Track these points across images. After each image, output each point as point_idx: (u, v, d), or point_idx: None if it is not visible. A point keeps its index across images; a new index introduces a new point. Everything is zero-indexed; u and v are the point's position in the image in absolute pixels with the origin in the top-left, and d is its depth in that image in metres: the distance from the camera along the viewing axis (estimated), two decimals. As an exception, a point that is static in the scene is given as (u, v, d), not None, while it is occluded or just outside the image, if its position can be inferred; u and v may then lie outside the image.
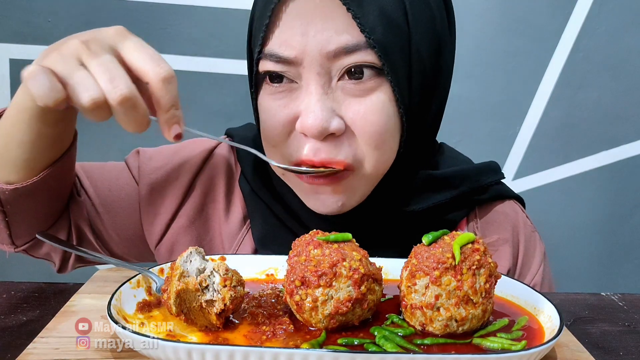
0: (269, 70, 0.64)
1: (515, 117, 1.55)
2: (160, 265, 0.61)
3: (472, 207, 0.78)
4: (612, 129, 1.56)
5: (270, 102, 0.65)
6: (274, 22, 0.62)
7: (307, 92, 0.62)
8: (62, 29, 1.38)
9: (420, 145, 0.70)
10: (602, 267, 1.65)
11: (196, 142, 0.81)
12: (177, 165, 0.78)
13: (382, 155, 0.65)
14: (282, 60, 0.62)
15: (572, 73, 1.51)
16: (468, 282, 0.51)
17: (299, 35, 0.60)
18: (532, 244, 0.80)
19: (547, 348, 0.47)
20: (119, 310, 0.52)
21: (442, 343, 0.51)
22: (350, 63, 0.61)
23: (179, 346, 0.45)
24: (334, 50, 0.60)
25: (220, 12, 1.39)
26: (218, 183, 0.78)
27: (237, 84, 1.45)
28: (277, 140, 0.65)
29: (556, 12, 1.48)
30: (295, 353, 0.45)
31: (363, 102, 0.62)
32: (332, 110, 0.62)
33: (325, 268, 0.51)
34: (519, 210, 0.81)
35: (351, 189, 0.66)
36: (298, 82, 0.63)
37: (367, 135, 0.63)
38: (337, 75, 0.62)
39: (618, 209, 1.61)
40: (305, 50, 0.60)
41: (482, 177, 0.77)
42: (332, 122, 0.61)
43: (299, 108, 0.63)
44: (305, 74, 0.62)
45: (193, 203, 0.77)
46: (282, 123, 0.64)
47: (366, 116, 0.62)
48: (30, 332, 0.53)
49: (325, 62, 0.61)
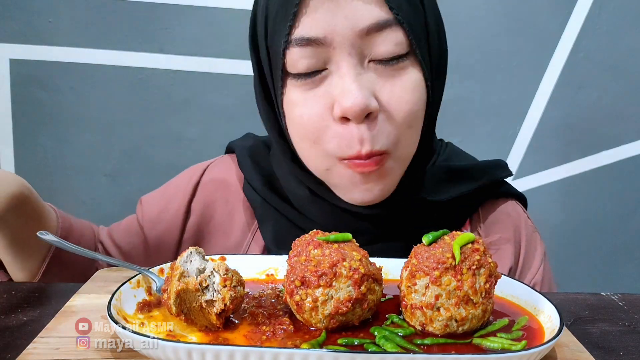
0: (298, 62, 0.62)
1: (515, 117, 1.55)
2: (160, 266, 0.61)
3: (476, 207, 0.79)
4: (612, 129, 1.56)
5: (298, 96, 0.64)
6: (301, 10, 0.60)
7: (339, 75, 0.61)
8: (63, 29, 1.39)
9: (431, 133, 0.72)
10: (602, 267, 1.65)
11: (186, 172, 0.85)
12: (171, 199, 0.82)
13: (414, 134, 0.66)
14: (311, 41, 0.60)
15: (572, 73, 1.51)
16: (468, 282, 0.51)
17: (329, 15, 0.59)
18: (533, 243, 0.80)
19: (547, 348, 0.47)
20: (119, 310, 0.52)
21: (442, 343, 0.51)
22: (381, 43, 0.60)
23: (179, 346, 0.45)
24: (366, 27, 0.60)
25: (220, 12, 1.39)
26: (215, 201, 0.81)
27: (237, 84, 1.45)
28: (317, 134, 0.63)
29: (556, 12, 1.48)
30: (295, 353, 0.45)
31: (396, 82, 0.62)
32: (368, 88, 0.61)
33: (325, 268, 0.51)
34: (520, 210, 0.82)
35: (391, 172, 0.66)
36: (328, 68, 0.62)
37: (402, 114, 0.63)
38: (369, 56, 0.61)
39: (618, 209, 1.61)
40: (336, 30, 0.60)
41: (498, 171, 0.79)
42: (371, 101, 0.61)
43: (334, 94, 0.62)
44: (336, 56, 0.61)
45: (192, 228, 0.80)
46: (318, 114, 0.63)
47: (401, 96, 0.62)
48: (30, 332, 0.53)
49: (357, 41, 0.60)
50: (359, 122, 0.61)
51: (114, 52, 1.42)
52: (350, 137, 0.62)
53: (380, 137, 0.62)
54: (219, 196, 0.81)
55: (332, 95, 0.62)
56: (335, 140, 0.63)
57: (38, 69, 1.41)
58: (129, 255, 0.81)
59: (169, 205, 0.81)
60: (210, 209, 0.80)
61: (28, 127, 1.44)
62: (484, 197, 0.79)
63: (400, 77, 0.62)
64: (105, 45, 1.41)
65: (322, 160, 0.66)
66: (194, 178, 0.82)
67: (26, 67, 1.40)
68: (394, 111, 0.62)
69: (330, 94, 0.62)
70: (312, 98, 0.63)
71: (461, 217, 0.77)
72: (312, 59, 0.61)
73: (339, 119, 0.62)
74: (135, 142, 1.48)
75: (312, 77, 0.62)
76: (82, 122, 1.46)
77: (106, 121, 1.46)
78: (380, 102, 0.62)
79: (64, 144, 1.45)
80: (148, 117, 1.46)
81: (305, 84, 0.63)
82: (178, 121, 1.46)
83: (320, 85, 0.63)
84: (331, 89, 0.62)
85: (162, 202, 0.82)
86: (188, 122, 1.46)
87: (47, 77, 1.42)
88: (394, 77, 0.62)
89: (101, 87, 1.44)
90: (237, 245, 0.78)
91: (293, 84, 0.64)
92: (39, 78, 1.42)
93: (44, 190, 1.46)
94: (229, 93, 1.47)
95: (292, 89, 0.64)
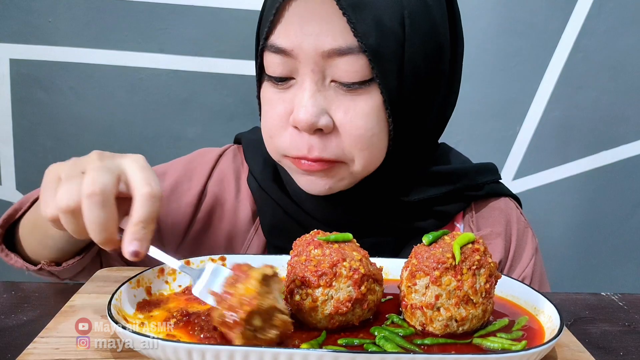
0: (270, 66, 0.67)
1: (515, 117, 1.54)
2: (160, 266, 0.60)
3: (469, 202, 0.81)
4: (612, 129, 1.55)
5: (270, 96, 0.69)
6: (278, 19, 0.65)
7: (301, 88, 0.66)
8: (63, 29, 1.38)
9: (419, 144, 0.73)
10: (602, 267, 1.64)
11: (203, 152, 0.86)
12: (189, 176, 0.82)
13: (369, 155, 0.68)
14: (280, 50, 0.65)
15: (572, 73, 1.51)
16: (468, 282, 0.51)
17: (298, 31, 0.64)
18: (524, 238, 0.82)
19: (547, 348, 0.47)
20: (119, 310, 0.52)
21: (442, 343, 0.51)
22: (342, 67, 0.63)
23: (179, 346, 0.45)
24: (327, 50, 0.63)
25: (220, 12, 1.39)
26: (227, 187, 0.82)
27: (237, 84, 1.45)
28: (274, 131, 0.70)
29: (556, 12, 1.48)
30: (295, 353, 0.45)
31: (352, 105, 0.65)
32: (322, 107, 0.65)
33: (326, 268, 0.51)
34: (513, 206, 0.84)
35: (339, 177, 0.70)
36: (295, 78, 0.67)
37: (353, 137, 0.66)
38: (330, 76, 0.65)
39: (618, 209, 1.61)
40: (302, 46, 0.64)
41: (480, 176, 0.81)
42: (321, 119, 0.65)
43: (294, 102, 0.66)
44: (301, 69, 0.65)
45: (206, 209, 0.81)
46: (279, 115, 0.68)
47: (353, 120, 0.66)
48: (31, 332, 0.53)
49: (320, 61, 0.64)
50: (310, 134, 0.66)
51: (114, 52, 1.42)
52: (300, 142, 0.67)
53: (330, 148, 0.67)
54: (231, 184, 0.83)
55: (293, 104, 0.67)
56: (287, 141, 0.68)
57: (38, 69, 1.41)
58: None
59: (191, 178, 0.82)
60: (223, 194, 0.82)
61: (28, 127, 1.44)
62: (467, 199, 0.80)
63: (357, 102, 0.66)
64: (105, 45, 1.41)
65: (274, 153, 0.72)
66: (212, 161, 0.84)
67: (26, 67, 1.40)
68: (345, 133, 0.67)
69: (292, 102, 0.67)
70: (278, 100, 0.68)
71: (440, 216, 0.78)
72: (282, 67, 0.66)
73: (293, 126, 0.67)
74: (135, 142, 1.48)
75: (281, 82, 0.68)
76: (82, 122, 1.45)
77: (106, 121, 1.46)
78: (334, 122, 0.66)
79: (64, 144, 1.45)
80: (148, 117, 1.46)
81: (276, 86, 0.68)
82: (178, 121, 1.46)
83: (287, 91, 0.68)
84: (294, 97, 0.67)
85: (181, 175, 0.82)
86: (188, 122, 1.46)
87: (47, 77, 1.42)
88: (352, 100, 0.66)
89: (101, 87, 1.44)
90: (241, 235, 0.80)
91: (267, 83, 0.70)
92: (39, 78, 1.41)
93: (44, 190, 1.46)
94: (229, 93, 1.46)
95: (267, 87, 0.70)
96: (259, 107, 0.74)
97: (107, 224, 0.50)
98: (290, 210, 0.77)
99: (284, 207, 0.78)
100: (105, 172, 0.51)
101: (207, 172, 0.83)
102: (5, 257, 0.71)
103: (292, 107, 0.67)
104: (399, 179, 0.74)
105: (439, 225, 0.78)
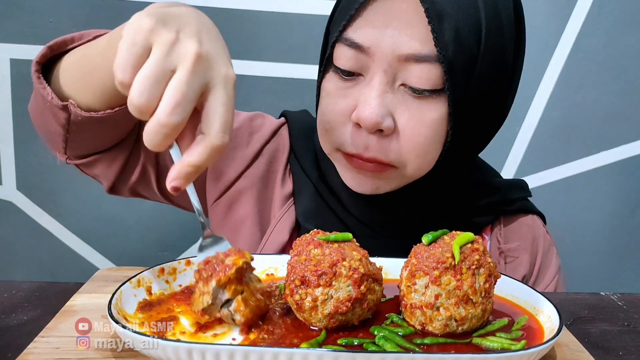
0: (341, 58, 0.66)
1: (515, 117, 1.54)
2: (160, 265, 0.61)
3: (498, 216, 0.83)
4: (612, 129, 1.55)
5: (333, 88, 0.69)
6: (358, 14, 0.65)
7: (369, 86, 0.65)
8: (64, 29, 1.38)
9: (467, 157, 0.75)
10: (602, 267, 1.65)
11: (267, 117, 0.86)
12: (250, 131, 0.82)
13: (422, 162, 0.69)
14: (356, 45, 0.64)
15: (572, 73, 1.51)
16: (467, 281, 0.51)
17: (378, 30, 0.63)
18: (549, 256, 0.85)
19: (547, 348, 0.47)
20: (120, 309, 0.52)
21: (442, 343, 0.51)
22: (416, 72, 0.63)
23: (179, 346, 0.45)
24: (405, 54, 0.63)
25: (220, 12, 1.39)
26: (280, 157, 0.84)
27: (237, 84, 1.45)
28: (331, 124, 0.69)
29: (556, 12, 1.48)
30: (295, 353, 0.45)
31: (417, 112, 0.65)
32: (388, 108, 0.65)
33: (325, 267, 0.51)
34: (540, 224, 0.87)
35: (388, 180, 0.71)
36: (364, 76, 0.66)
37: (412, 143, 0.66)
38: (401, 80, 0.65)
39: (618, 209, 1.61)
40: (380, 45, 0.63)
41: (512, 192, 0.83)
42: (385, 120, 0.64)
43: (358, 99, 0.66)
44: (373, 67, 0.65)
45: (257, 169, 0.82)
46: (340, 110, 0.68)
47: (417, 127, 0.66)
48: (31, 331, 0.53)
49: (395, 63, 0.64)
50: (370, 133, 0.66)
51: (114, 52, 1.42)
52: (358, 140, 0.67)
53: (385, 151, 0.67)
54: (283, 157, 0.84)
55: (357, 100, 0.66)
56: (345, 137, 0.68)
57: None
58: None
59: (251, 134, 0.82)
60: (274, 164, 0.83)
61: (28, 127, 1.44)
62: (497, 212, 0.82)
63: (423, 110, 0.65)
64: (106, 45, 1.41)
65: (327, 146, 0.72)
66: (274, 125, 0.85)
67: (27, 67, 1.39)
68: (405, 137, 0.66)
69: (357, 98, 0.66)
70: (342, 95, 0.68)
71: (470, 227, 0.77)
72: (353, 61, 0.65)
73: (354, 122, 0.66)
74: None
75: (349, 77, 0.67)
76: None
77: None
78: (396, 125, 0.66)
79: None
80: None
81: (342, 80, 0.68)
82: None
83: (353, 86, 0.67)
84: (359, 94, 0.66)
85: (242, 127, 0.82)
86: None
87: (48, 77, 1.42)
88: (418, 106, 0.65)
89: (101, 87, 1.44)
90: (274, 209, 0.81)
91: (332, 75, 0.69)
92: (39, 78, 1.42)
93: (44, 190, 1.47)
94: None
95: (331, 78, 0.69)
96: (317, 97, 0.73)
97: (172, 133, 0.47)
98: (327, 198, 0.78)
99: (322, 194, 0.79)
100: (196, 81, 0.47)
101: (268, 135, 0.83)
102: (39, 84, 0.66)
103: (355, 103, 0.66)
104: (441, 187, 0.75)
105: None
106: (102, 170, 0.76)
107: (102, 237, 1.52)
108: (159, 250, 1.53)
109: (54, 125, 0.67)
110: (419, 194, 0.75)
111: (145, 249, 1.53)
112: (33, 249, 1.48)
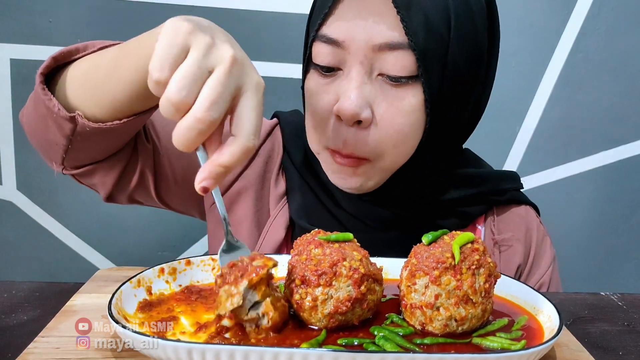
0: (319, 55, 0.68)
1: (515, 117, 1.54)
2: (161, 265, 0.61)
3: (490, 206, 0.83)
4: (612, 129, 1.55)
5: (314, 85, 0.71)
6: (331, 12, 0.67)
7: (347, 78, 0.67)
8: (64, 29, 1.39)
9: (448, 145, 0.75)
10: (602, 267, 1.65)
11: None
12: None
13: (399, 152, 0.70)
14: (331, 41, 0.67)
15: (572, 73, 1.51)
16: (467, 281, 0.51)
17: (351, 23, 0.66)
18: (543, 246, 0.85)
19: (547, 348, 0.47)
20: (120, 309, 0.52)
21: (442, 342, 0.51)
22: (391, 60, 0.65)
23: (179, 346, 0.45)
24: (379, 43, 0.65)
25: (220, 12, 1.39)
26: (274, 156, 0.85)
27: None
28: (317, 121, 0.71)
29: (556, 12, 1.48)
30: (295, 352, 0.45)
31: (395, 102, 0.67)
32: (367, 99, 0.67)
33: (326, 267, 0.51)
34: (533, 214, 0.87)
35: (367, 175, 0.72)
36: (343, 70, 0.68)
37: (390, 133, 0.68)
38: (377, 70, 0.66)
39: (618, 208, 1.61)
40: (354, 38, 0.65)
41: (502, 183, 0.84)
42: (364, 111, 0.66)
43: (339, 92, 0.68)
44: (350, 60, 0.67)
45: (254, 169, 0.83)
46: (323, 106, 0.70)
47: (394, 116, 0.67)
48: (31, 331, 0.53)
49: (370, 53, 0.65)
50: (350, 125, 0.67)
51: (114, 52, 1.42)
52: (338, 134, 0.69)
53: (362, 145, 0.68)
54: (277, 157, 0.85)
55: (338, 94, 0.68)
56: (328, 132, 0.70)
57: (38, 68, 1.41)
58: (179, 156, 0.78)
59: None
60: (270, 164, 0.84)
61: (28, 127, 1.44)
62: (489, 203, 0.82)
63: (400, 98, 0.67)
64: (106, 45, 1.41)
65: (315, 145, 0.74)
66: (269, 126, 0.86)
67: (26, 67, 1.40)
68: (383, 127, 0.68)
69: (337, 92, 0.68)
70: (324, 91, 0.69)
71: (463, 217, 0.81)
72: (331, 57, 0.67)
73: (335, 115, 0.68)
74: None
75: (328, 72, 0.69)
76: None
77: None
78: (374, 115, 0.67)
79: (64, 144, 1.45)
80: (148, 117, 1.46)
81: (322, 76, 0.70)
82: (178, 121, 1.46)
83: (333, 81, 0.69)
84: (339, 87, 0.68)
85: None
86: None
87: (48, 77, 1.42)
88: (395, 96, 0.67)
89: (101, 87, 1.44)
90: (271, 208, 0.82)
91: (313, 73, 0.71)
92: (39, 78, 1.42)
93: (44, 190, 1.47)
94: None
95: (312, 76, 0.71)
96: (303, 99, 0.75)
97: (207, 130, 0.48)
98: (320, 195, 0.80)
99: (314, 191, 0.80)
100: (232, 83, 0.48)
101: (263, 135, 0.85)
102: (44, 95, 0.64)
103: (337, 97, 0.68)
104: (426, 178, 0.76)
105: (461, 225, 0.80)
106: (99, 179, 0.75)
107: (102, 237, 1.52)
108: (159, 250, 1.53)
109: (57, 136, 0.67)
110: (407, 186, 0.75)
111: (145, 249, 1.53)
112: (33, 249, 1.48)
